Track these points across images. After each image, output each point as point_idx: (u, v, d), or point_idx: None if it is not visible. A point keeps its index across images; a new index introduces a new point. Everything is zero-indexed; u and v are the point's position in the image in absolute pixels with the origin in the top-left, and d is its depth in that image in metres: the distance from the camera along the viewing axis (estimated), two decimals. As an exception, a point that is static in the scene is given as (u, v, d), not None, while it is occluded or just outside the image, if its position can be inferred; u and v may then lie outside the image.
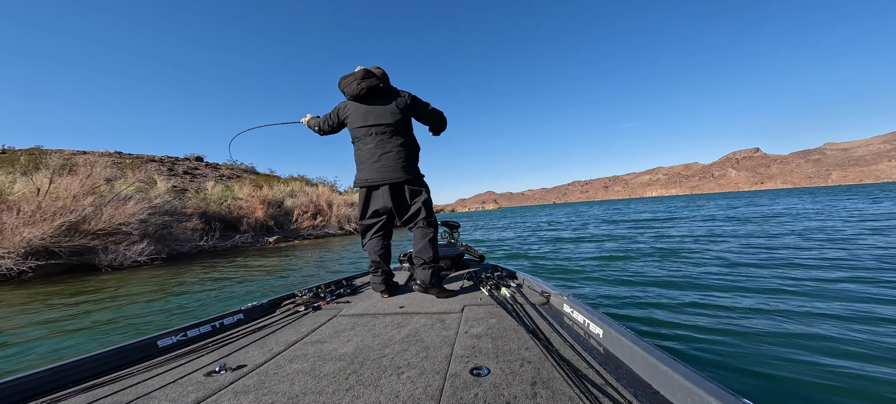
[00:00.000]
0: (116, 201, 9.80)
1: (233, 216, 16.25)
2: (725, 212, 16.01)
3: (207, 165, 30.78)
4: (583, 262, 5.79)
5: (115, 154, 26.49)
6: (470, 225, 21.34)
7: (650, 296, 3.49)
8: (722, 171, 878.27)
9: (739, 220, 11.13)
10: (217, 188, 18.51)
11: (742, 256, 5.17)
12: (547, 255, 7.00)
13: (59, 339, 3.30)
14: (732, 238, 7.24)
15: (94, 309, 4.48)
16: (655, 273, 4.51)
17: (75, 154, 18.15)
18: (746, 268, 4.43)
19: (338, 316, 1.83)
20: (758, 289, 3.46)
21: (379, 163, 2.09)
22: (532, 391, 0.96)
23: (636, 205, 47.09)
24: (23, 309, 4.67)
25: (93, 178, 9.73)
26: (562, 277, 4.91)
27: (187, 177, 24.84)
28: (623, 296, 3.59)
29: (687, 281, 3.97)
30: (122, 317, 3.98)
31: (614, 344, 1.18)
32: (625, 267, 5.08)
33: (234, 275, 6.78)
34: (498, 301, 1.79)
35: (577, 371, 1.04)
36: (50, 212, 8.21)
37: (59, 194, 8.79)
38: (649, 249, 6.49)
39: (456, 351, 1.27)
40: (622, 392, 0.92)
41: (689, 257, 5.42)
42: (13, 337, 3.39)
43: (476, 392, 0.97)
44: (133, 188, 11.37)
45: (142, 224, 9.83)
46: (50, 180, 9.03)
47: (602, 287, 4.06)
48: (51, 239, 7.89)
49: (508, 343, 1.29)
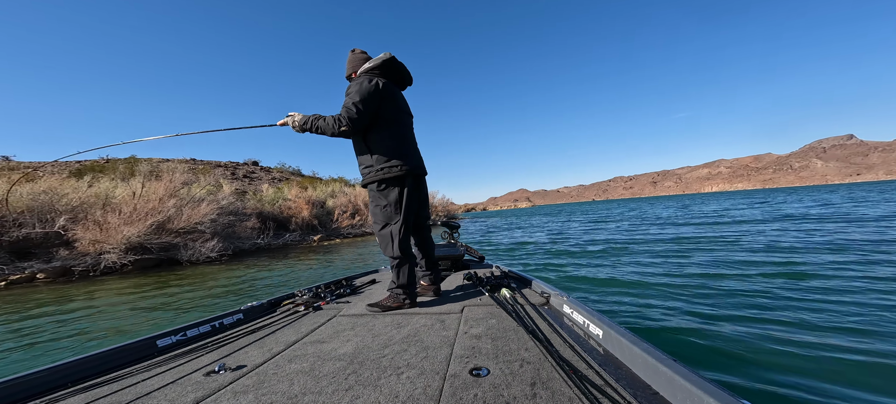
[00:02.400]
0: (193, 203, 11.23)
1: (283, 216, 17.72)
2: (836, 208, 12.28)
3: (262, 169, 33.88)
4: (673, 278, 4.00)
5: (191, 160, 30.19)
6: (504, 223, 20.03)
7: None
8: (803, 162, 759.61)
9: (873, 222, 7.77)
10: (270, 190, 20.34)
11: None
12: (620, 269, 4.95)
13: (173, 314, 4.06)
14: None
15: (200, 293, 5.23)
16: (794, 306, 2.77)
17: (161, 161, 21.00)
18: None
19: (337, 317, 1.82)
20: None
21: (418, 152, 2.03)
22: (531, 391, 0.96)
23: (699, 200, 40.68)
24: (142, 295, 5.59)
25: (174, 183, 11.27)
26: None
27: (246, 180, 27.56)
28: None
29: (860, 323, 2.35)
30: (225, 298, 4.62)
31: (614, 345, 1.17)
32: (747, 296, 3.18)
33: (296, 266, 7.46)
34: (498, 301, 1.77)
35: (577, 371, 1.03)
36: (143, 212, 9.65)
37: (149, 197, 10.30)
38: (771, 268, 4.22)
39: (455, 351, 1.26)
40: (622, 392, 0.92)
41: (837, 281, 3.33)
42: (155, 315, 4.12)
43: (476, 392, 0.97)
44: (205, 191, 12.95)
45: (213, 223, 11.16)
46: (142, 185, 10.62)
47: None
48: (144, 236, 9.28)
49: (508, 343, 1.29)
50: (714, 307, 2.98)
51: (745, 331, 2.43)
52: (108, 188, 10.57)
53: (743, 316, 2.73)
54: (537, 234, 12.04)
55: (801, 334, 2.35)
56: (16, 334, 3.69)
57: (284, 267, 8.13)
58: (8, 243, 8.07)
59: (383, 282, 2.60)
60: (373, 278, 2.79)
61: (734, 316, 2.76)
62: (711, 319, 2.72)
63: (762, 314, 2.76)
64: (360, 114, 1.76)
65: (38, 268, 7.76)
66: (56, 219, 8.74)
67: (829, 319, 2.57)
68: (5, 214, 8.17)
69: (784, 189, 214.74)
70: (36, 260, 8.22)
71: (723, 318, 2.72)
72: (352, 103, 1.75)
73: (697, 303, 3.13)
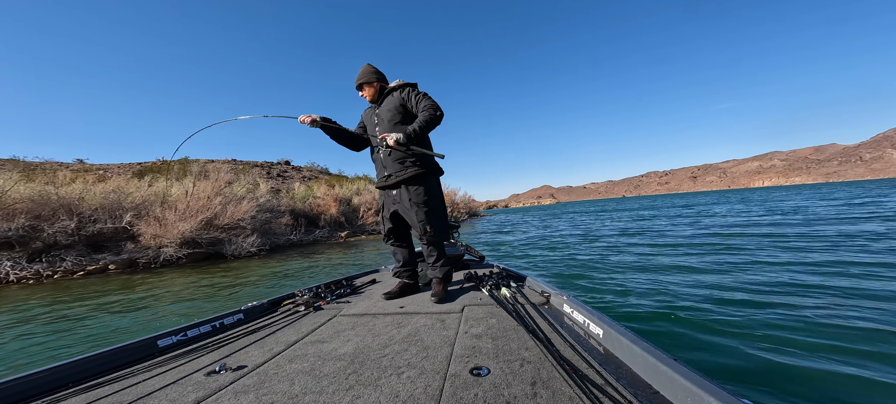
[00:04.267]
0: (235, 201, 12.19)
1: (313, 213, 18.69)
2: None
3: (293, 167, 35.72)
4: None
5: (231, 161, 32.47)
6: (533, 219, 18.02)
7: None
8: (876, 153, 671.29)
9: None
10: (301, 188, 21.47)
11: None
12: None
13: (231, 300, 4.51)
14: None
15: (252, 280, 5.81)
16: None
17: (207, 162, 22.83)
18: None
19: (338, 316, 1.83)
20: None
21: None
22: (532, 391, 0.96)
23: (759, 195, 35.41)
24: (209, 283, 6.27)
25: (220, 182, 12.29)
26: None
27: (279, 179, 29.22)
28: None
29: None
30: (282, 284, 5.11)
31: (614, 344, 1.17)
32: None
33: (331, 259, 7.95)
34: (498, 301, 1.78)
35: (578, 371, 1.04)
36: (194, 209, 10.64)
37: (199, 195, 11.33)
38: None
39: (456, 351, 1.26)
40: (622, 392, 0.92)
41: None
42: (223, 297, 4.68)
43: (476, 392, 0.97)
44: (245, 189, 13.99)
45: (252, 220, 12.06)
46: (193, 184, 11.69)
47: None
48: (195, 231, 10.23)
49: (508, 343, 1.29)
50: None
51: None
52: (165, 188, 11.74)
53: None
54: (573, 242, 8.78)
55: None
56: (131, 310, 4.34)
57: (318, 261, 8.67)
58: (85, 237, 9.24)
59: (383, 282, 2.59)
60: (373, 278, 2.78)
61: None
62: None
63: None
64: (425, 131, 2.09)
65: (109, 260, 8.84)
66: (123, 215, 9.87)
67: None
68: (83, 211, 9.35)
69: (860, 182, 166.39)
70: (108, 252, 9.35)
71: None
72: (432, 101, 2.11)
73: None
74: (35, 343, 3.42)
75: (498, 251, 8.89)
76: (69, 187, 9.65)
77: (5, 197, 8.44)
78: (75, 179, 10.65)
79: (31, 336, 3.66)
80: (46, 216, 8.79)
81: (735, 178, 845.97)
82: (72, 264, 8.40)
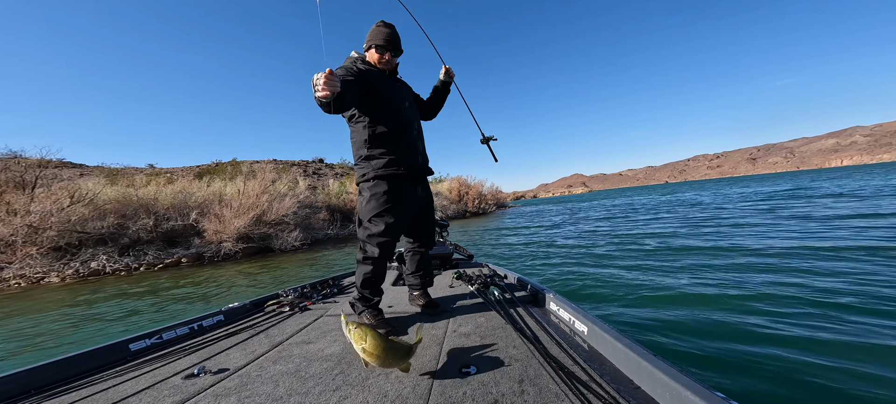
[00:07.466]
0: (279, 198, 13.29)
1: (347, 208, 19.76)
2: None
3: (327, 165, 37.64)
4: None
5: (273, 161, 34.93)
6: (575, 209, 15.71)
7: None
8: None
9: None
10: (335, 185, 22.69)
11: None
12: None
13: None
14: None
15: (304, 270, 6.50)
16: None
17: (253, 163, 24.85)
18: None
19: (324, 316, 1.79)
20: None
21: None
22: (519, 388, 0.97)
23: (860, 176, 26.98)
24: (267, 273, 7.09)
25: (266, 181, 13.45)
26: None
27: (315, 177, 30.98)
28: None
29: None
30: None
31: (598, 341, 1.20)
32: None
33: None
34: (486, 299, 1.79)
35: (564, 367, 1.05)
36: (246, 207, 11.79)
37: (249, 193, 12.50)
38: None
39: (444, 349, 1.27)
40: (606, 388, 0.94)
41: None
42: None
43: (464, 390, 0.98)
44: (286, 187, 15.15)
45: (294, 216, 13.10)
46: (244, 183, 12.90)
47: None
48: (248, 227, 11.36)
49: (496, 341, 1.30)
50: None
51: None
52: (221, 187, 13.08)
53: None
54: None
55: None
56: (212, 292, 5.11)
57: (352, 253, 9.29)
58: (161, 233, 10.64)
59: None
60: None
61: None
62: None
63: None
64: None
65: (181, 254, 10.13)
66: (190, 213, 11.20)
67: None
68: (158, 210, 10.75)
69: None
70: (179, 247, 10.70)
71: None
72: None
73: None
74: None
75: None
76: (145, 189, 11.13)
77: (97, 199, 9.97)
78: (149, 182, 12.22)
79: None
80: (130, 215, 10.26)
81: (805, 158, 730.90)
82: (153, 258, 9.76)
